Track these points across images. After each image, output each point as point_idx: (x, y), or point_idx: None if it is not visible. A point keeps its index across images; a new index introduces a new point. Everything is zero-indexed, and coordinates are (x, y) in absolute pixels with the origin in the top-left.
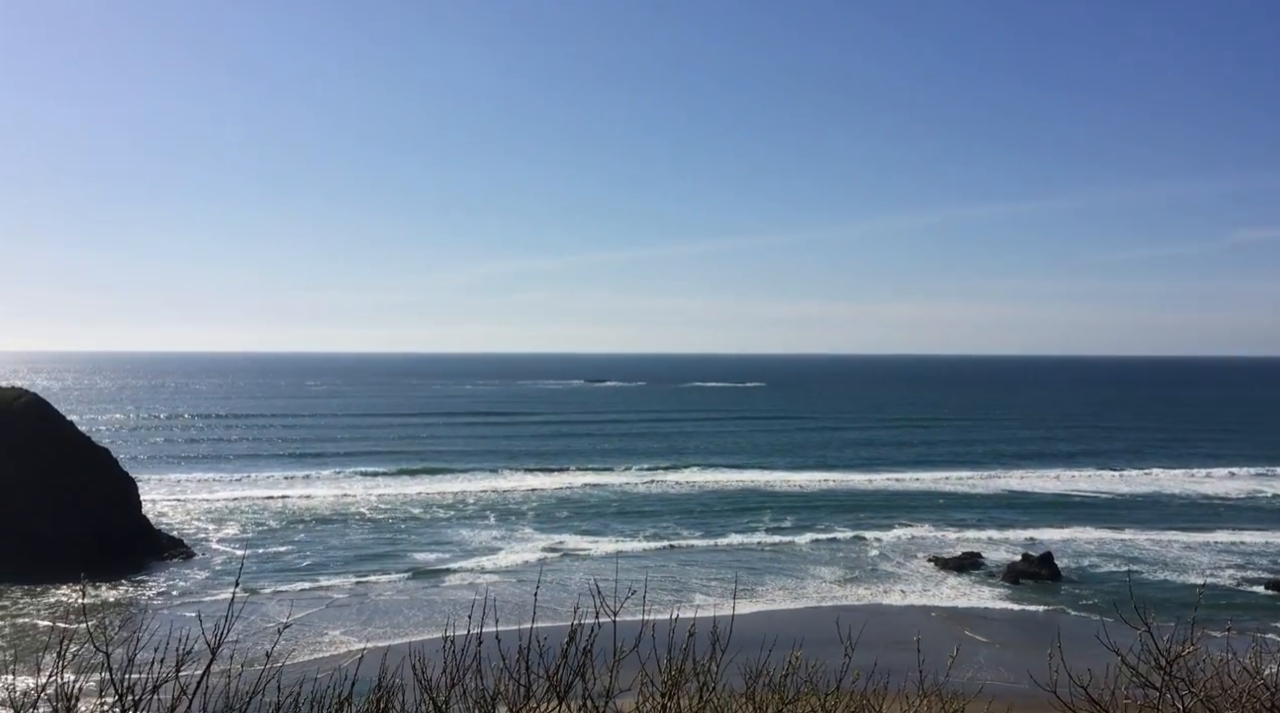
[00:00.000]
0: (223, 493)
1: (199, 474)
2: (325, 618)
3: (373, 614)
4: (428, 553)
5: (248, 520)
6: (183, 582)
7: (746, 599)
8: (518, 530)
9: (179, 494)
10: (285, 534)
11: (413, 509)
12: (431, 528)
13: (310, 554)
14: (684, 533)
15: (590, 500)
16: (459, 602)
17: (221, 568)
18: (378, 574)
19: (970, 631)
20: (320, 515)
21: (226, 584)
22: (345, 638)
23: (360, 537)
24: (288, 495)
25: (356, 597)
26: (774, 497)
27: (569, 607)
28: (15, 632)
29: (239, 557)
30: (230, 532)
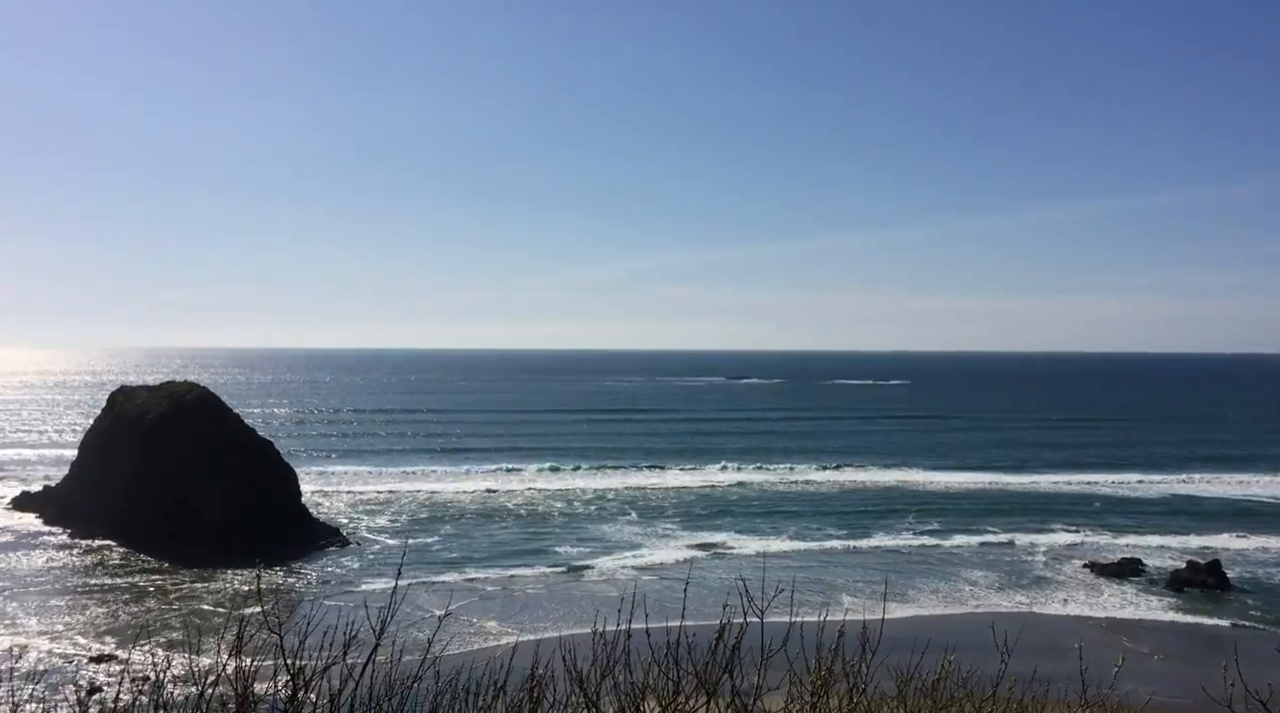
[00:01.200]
0: (374, 485)
1: (352, 467)
2: (476, 610)
3: (521, 607)
4: (570, 548)
5: (397, 512)
6: (339, 569)
7: (896, 602)
8: (659, 528)
9: (333, 485)
10: (433, 526)
11: (555, 504)
12: (574, 524)
13: (457, 547)
14: (828, 533)
15: (731, 499)
16: (603, 597)
17: (374, 557)
18: (523, 568)
19: (1131, 641)
20: (466, 509)
21: (380, 572)
22: (497, 629)
23: (504, 531)
24: (435, 489)
25: (504, 590)
26: (919, 497)
27: (712, 605)
28: (188, 614)
29: (391, 546)
30: (381, 522)
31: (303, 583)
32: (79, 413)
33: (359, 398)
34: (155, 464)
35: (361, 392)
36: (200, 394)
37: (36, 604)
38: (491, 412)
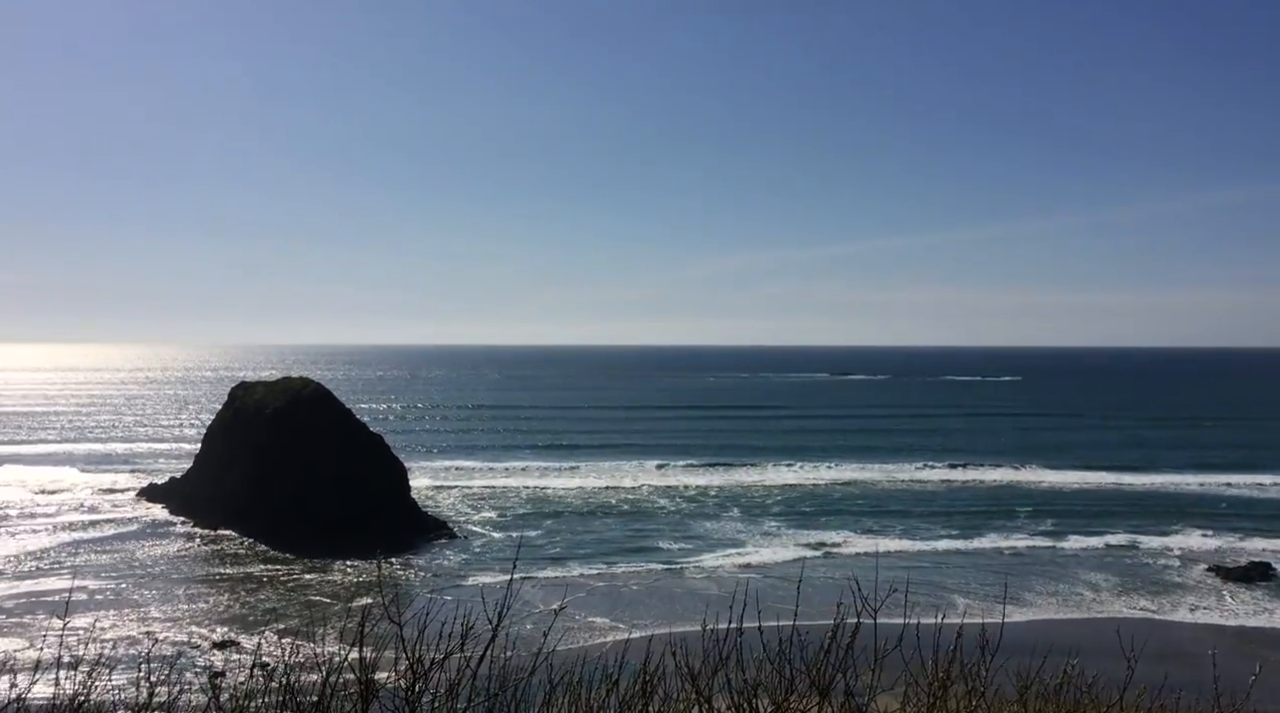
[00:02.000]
0: (479, 480)
1: (458, 461)
2: (583, 605)
3: (627, 603)
4: (674, 544)
5: (503, 507)
6: (448, 562)
7: (1012, 605)
8: (763, 525)
9: (441, 480)
10: (538, 522)
11: (658, 501)
12: (677, 520)
13: (561, 542)
14: (937, 532)
15: (836, 496)
16: (708, 594)
17: (481, 550)
18: (626, 564)
19: (1266, 649)
20: (569, 505)
21: (487, 566)
22: (605, 625)
23: (608, 527)
24: (539, 484)
25: (609, 586)
26: (1032, 497)
27: (818, 604)
28: (305, 603)
29: (497, 540)
30: (487, 517)
31: (414, 575)
32: (200, 407)
33: (465, 394)
34: (272, 457)
35: (467, 388)
36: (315, 390)
37: (162, 591)
38: (595, 408)
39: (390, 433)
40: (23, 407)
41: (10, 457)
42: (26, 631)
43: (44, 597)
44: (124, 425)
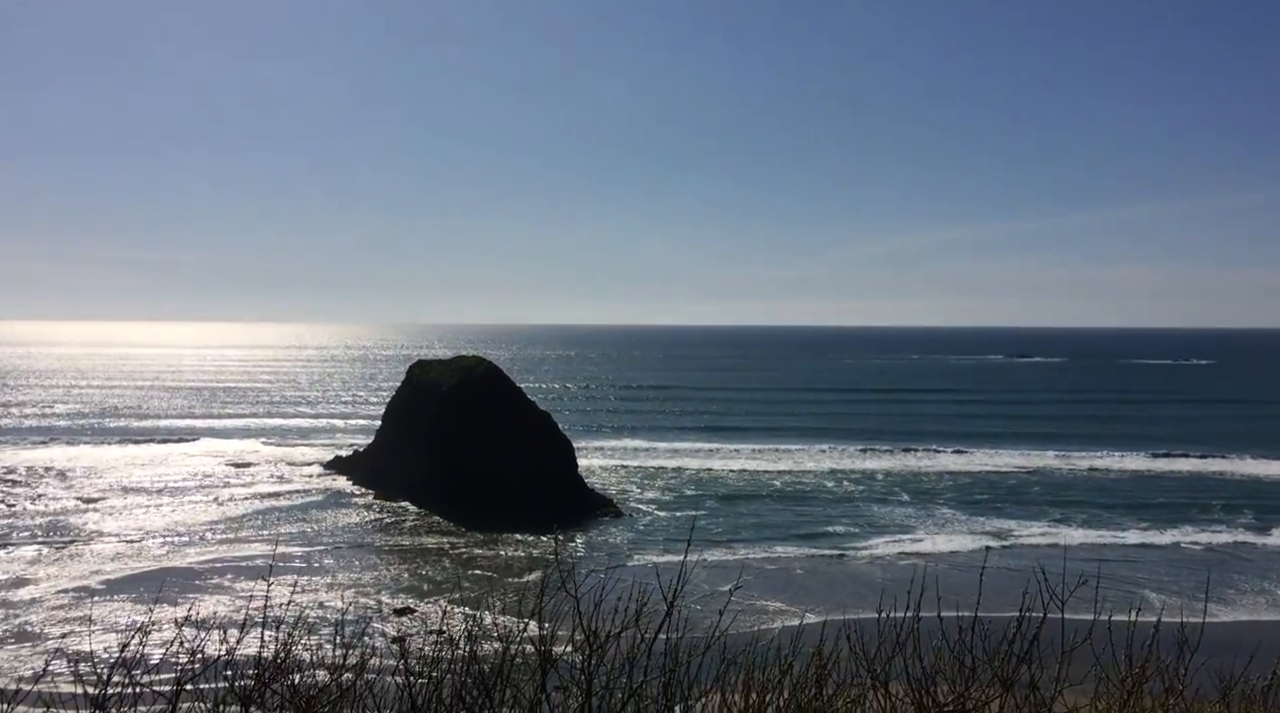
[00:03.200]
0: (643, 459)
1: (623, 440)
2: (750, 586)
3: (798, 587)
4: (840, 528)
5: (667, 486)
6: (614, 539)
7: (1214, 603)
8: (934, 511)
9: (606, 459)
10: (701, 502)
11: (824, 483)
12: (843, 504)
13: (725, 523)
14: (1123, 524)
15: (1011, 484)
16: (876, 580)
17: (646, 529)
18: (791, 547)
19: None
20: (733, 486)
21: (652, 544)
22: (773, 608)
23: (772, 509)
24: (704, 465)
25: (775, 568)
26: (1229, 488)
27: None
28: (479, 573)
29: (661, 519)
30: (651, 495)
31: (583, 551)
32: (378, 385)
33: (628, 373)
34: (447, 433)
35: (630, 367)
36: (488, 368)
37: (347, 559)
38: (758, 389)
39: (557, 411)
40: (218, 383)
41: (206, 430)
42: (231, 592)
43: (243, 561)
44: (310, 401)
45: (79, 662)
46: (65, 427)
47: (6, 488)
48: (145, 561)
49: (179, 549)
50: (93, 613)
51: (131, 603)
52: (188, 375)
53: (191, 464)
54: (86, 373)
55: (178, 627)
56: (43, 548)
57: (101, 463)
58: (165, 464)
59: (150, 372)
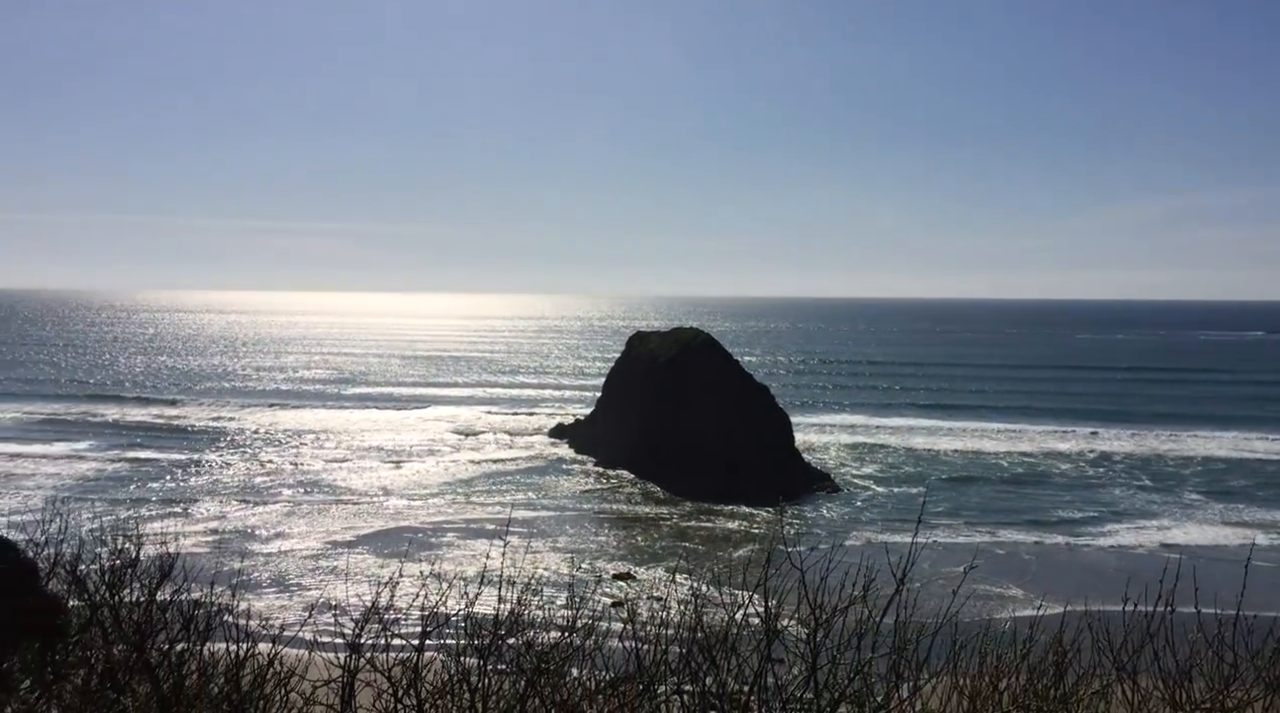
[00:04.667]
0: (861, 435)
1: (841, 415)
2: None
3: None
4: (1074, 513)
5: (886, 462)
6: (831, 514)
7: None
8: (1180, 497)
9: (823, 434)
10: (921, 479)
11: (1053, 464)
12: (1074, 487)
13: (946, 502)
14: None
15: (1267, 471)
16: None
17: (864, 505)
18: (1017, 530)
19: None
20: (954, 464)
21: (870, 521)
22: (1009, 594)
23: (997, 490)
24: (922, 442)
25: (1010, 553)
26: None
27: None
28: (693, 545)
29: (879, 494)
30: (869, 471)
31: (800, 525)
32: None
33: (846, 347)
34: (664, 404)
35: (848, 341)
36: (705, 340)
37: (568, 524)
38: (983, 366)
39: (774, 384)
40: (448, 352)
41: (436, 398)
42: (464, 551)
43: (473, 523)
44: (533, 370)
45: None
46: (313, 391)
47: (263, 448)
48: (384, 519)
49: (414, 509)
50: (342, 565)
51: (375, 556)
52: (420, 345)
53: (424, 429)
54: (330, 341)
55: (422, 582)
56: (295, 504)
57: (344, 426)
58: (400, 429)
59: (387, 341)
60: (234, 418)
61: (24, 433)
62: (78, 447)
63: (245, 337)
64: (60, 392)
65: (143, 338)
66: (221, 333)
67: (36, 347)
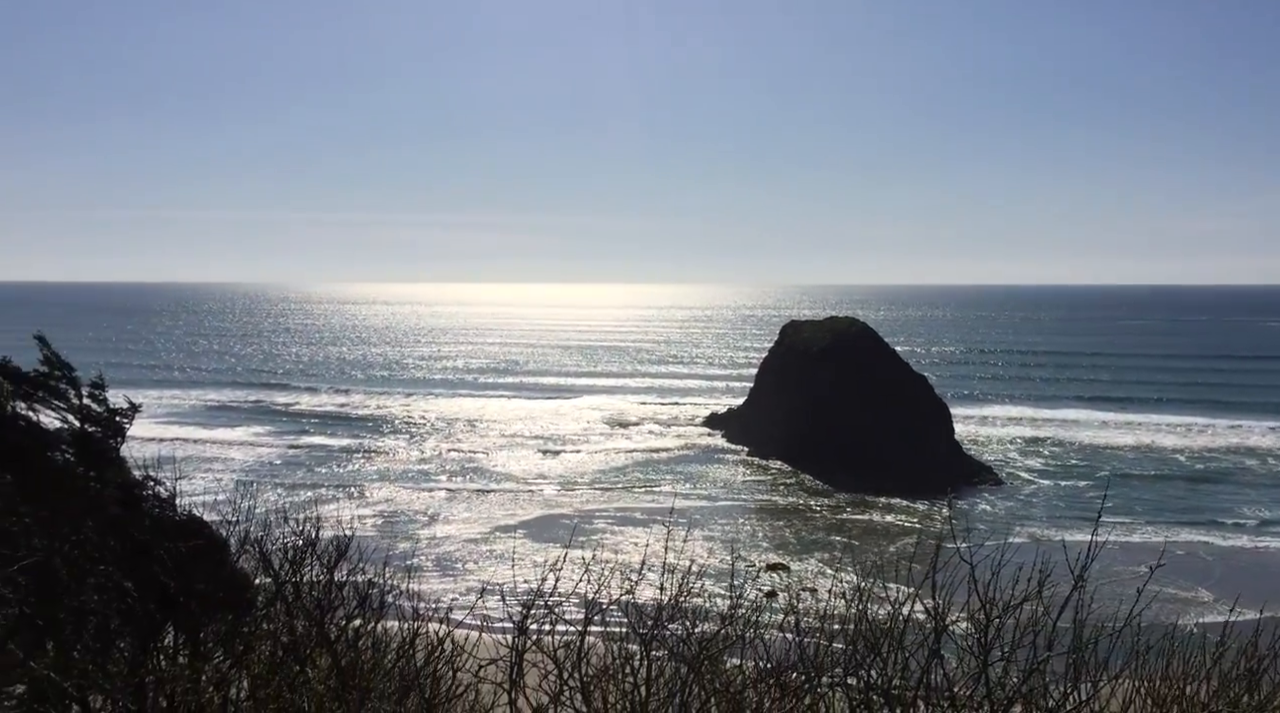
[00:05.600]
0: (1025, 428)
1: (1003, 407)
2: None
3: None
4: (1263, 511)
5: (1051, 455)
6: (993, 508)
7: None
8: None
9: (985, 426)
10: (1089, 474)
11: (1244, 461)
12: (1264, 487)
13: (1118, 498)
14: None
15: None
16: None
17: (1028, 499)
18: (1196, 531)
19: None
20: (1125, 459)
21: (1036, 516)
22: (1191, 598)
23: (1174, 487)
24: (1091, 436)
25: (1187, 553)
26: None
27: None
28: (847, 537)
29: (1045, 488)
30: (1034, 464)
31: (961, 518)
32: (748, 346)
33: (1010, 336)
34: (818, 394)
35: (1012, 330)
36: (861, 329)
37: (722, 513)
38: (1162, 356)
39: (932, 374)
40: (600, 342)
41: (589, 387)
42: (619, 538)
43: (626, 511)
44: (684, 359)
45: (501, 592)
46: (471, 381)
47: (425, 435)
48: (540, 506)
49: (569, 497)
50: (501, 549)
51: (533, 542)
52: (573, 335)
53: (577, 418)
54: (488, 332)
55: (584, 567)
56: (455, 490)
57: (500, 415)
58: (554, 418)
59: (541, 331)
60: (397, 406)
61: (209, 418)
62: (256, 432)
63: (409, 328)
64: (237, 380)
65: (312, 329)
66: (386, 324)
67: (217, 337)
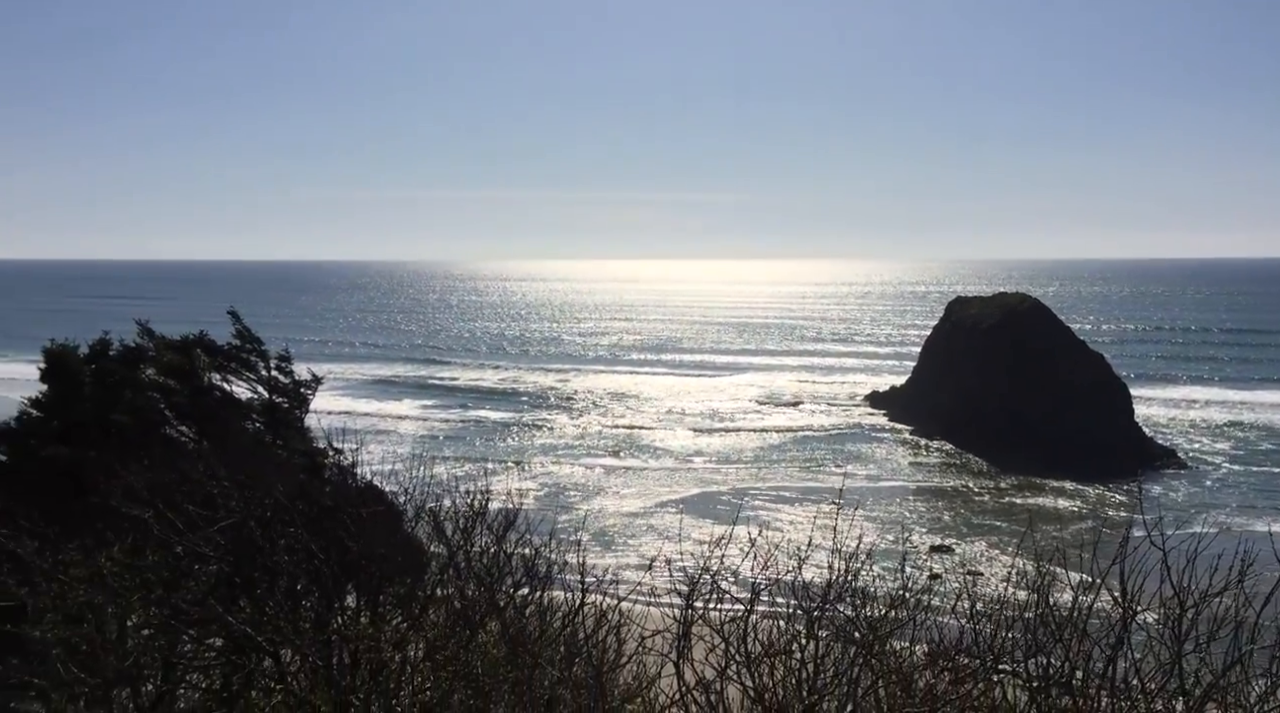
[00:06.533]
0: (1214, 411)
1: (1189, 388)
2: None
3: None
4: None
5: (1241, 439)
6: (1177, 494)
7: None
8: None
9: (1168, 407)
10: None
11: None
12: None
13: None
14: None
15: None
16: None
17: (1215, 485)
18: None
19: None
20: None
21: (1224, 503)
22: None
23: None
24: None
25: None
26: None
27: None
28: (1017, 521)
29: (1235, 473)
30: (1222, 448)
31: (1142, 503)
32: (908, 323)
33: (1195, 313)
34: (987, 372)
35: (1199, 307)
36: (1032, 305)
37: (884, 494)
38: None
39: (1110, 352)
40: (756, 318)
41: (746, 365)
42: (780, 516)
43: (785, 490)
44: (842, 336)
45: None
46: (629, 357)
47: (584, 410)
48: (697, 482)
49: (727, 474)
50: (659, 524)
51: (691, 518)
52: (731, 311)
53: (735, 395)
54: (646, 308)
55: (750, 542)
56: (613, 465)
57: (658, 391)
58: (712, 394)
59: (699, 307)
60: (557, 381)
61: (378, 392)
62: (423, 405)
63: (569, 304)
64: (403, 355)
65: (477, 306)
66: (547, 301)
67: (394, 314)
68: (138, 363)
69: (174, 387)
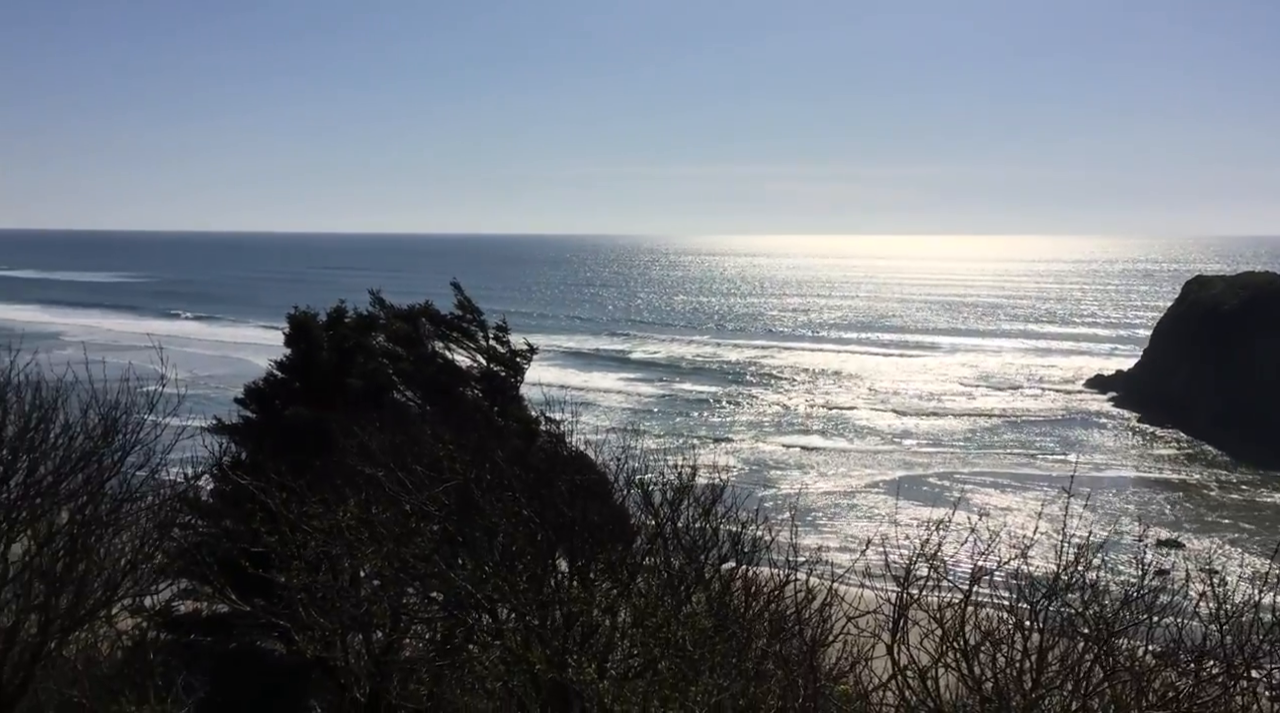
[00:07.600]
0: None
1: None
2: None
3: None
4: None
5: None
6: None
7: None
8: None
9: None
10: None
11: None
12: None
13: None
14: None
15: None
16: None
17: None
18: None
19: None
20: None
21: None
22: None
23: None
24: None
25: None
26: None
27: None
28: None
29: None
30: None
31: None
32: (1142, 301)
33: None
34: (1227, 357)
35: None
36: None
37: (1106, 482)
38: None
39: None
40: (968, 297)
41: (956, 345)
42: (995, 502)
43: (1000, 475)
44: (1062, 316)
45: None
46: (834, 335)
47: (787, 387)
48: (902, 465)
49: (935, 456)
50: (862, 503)
51: (896, 499)
52: (940, 289)
53: (945, 375)
54: (856, 284)
55: (970, 527)
56: (816, 444)
57: (863, 370)
58: (921, 373)
59: (912, 285)
60: (761, 356)
61: (584, 364)
62: (628, 377)
63: (776, 280)
64: (608, 328)
65: (682, 280)
66: (753, 276)
67: (589, 287)
68: (369, 330)
69: (401, 353)
